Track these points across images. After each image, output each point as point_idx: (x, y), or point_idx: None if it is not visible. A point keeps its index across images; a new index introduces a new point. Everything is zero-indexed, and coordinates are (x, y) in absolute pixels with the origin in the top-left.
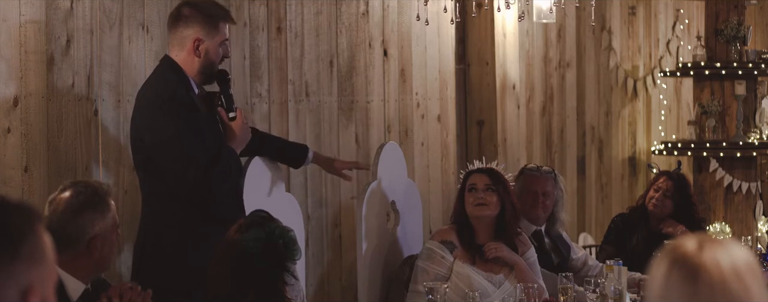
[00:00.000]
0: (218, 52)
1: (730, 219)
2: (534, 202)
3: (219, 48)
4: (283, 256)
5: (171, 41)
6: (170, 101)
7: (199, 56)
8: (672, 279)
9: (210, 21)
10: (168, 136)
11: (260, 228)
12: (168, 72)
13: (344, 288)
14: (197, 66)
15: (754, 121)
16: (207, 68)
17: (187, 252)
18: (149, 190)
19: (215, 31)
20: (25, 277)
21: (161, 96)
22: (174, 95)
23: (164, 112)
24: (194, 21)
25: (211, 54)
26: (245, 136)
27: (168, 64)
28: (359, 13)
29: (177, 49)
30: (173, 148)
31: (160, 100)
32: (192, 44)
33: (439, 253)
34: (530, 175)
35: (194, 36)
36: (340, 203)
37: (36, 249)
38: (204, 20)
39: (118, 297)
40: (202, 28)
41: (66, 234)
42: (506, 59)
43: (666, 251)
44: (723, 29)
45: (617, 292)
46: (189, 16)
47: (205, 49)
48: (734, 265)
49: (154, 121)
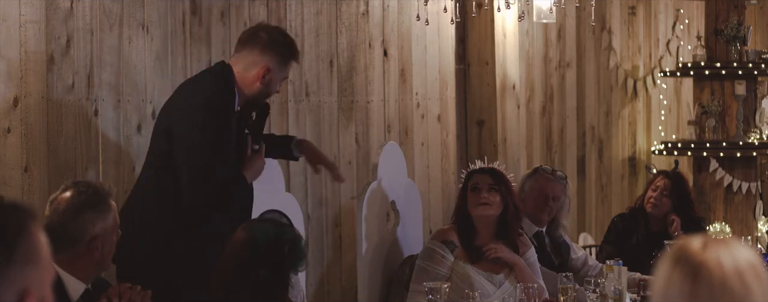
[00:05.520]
0: (277, 87)
1: (730, 219)
2: (542, 205)
3: (280, 83)
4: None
5: (237, 57)
6: (217, 111)
7: (263, 84)
8: (674, 277)
9: (286, 57)
10: (201, 141)
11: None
12: (227, 81)
13: (344, 289)
14: (255, 91)
15: (754, 120)
16: (262, 97)
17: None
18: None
19: (285, 68)
20: (21, 279)
21: (211, 101)
22: (224, 106)
23: (207, 118)
24: (273, 51)
25: (272, 86)
26: (260, 170)
27: (227, 72)
28: (359, 13)
29: (241, 67)
30: (201, 155)
31: (209, 101)
32: (261, 71)
33: (439, 253)
34: (544, 177)
35: (267, 64)
36: (340, 203)
37: (31, 251)
38: (282, 54)
39: (117, 296)
40: (277, 60)
41: (66, 234)
42: (506, 59)
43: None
44: (723, 29)
45: (617, 292)
46: (271, 43)
47: (270, 79)
48: (736, 265)
49: (194, 121)
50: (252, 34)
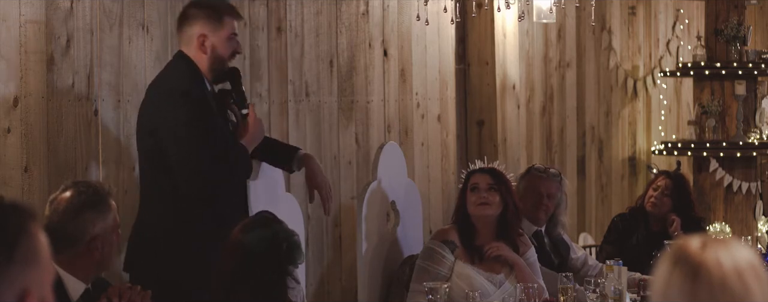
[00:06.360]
0: (226, 47)
1: (730, 219)
2: (537, 203)
3: (226, 43)
4: (285, 259)
5: (180, 42)
6: (182, 93)
7: (206, 52)
8: (673, 277)
9: (213, 16)
10: (179, 129)
11: (265, 229)
12: (182, 66)
13: (344, 289)
14: (207, 63)
15: (754, 121)
16: (216, 64)
17: (184, 249)
18: (152, 184)
19: (220, 26)
20: (21, 280)
21: (175, 89)
22: (187, 89)
23: (177, 106)
24: (198, 18)
25: (218, 49)
26: (258, 132)
27: (182, 58)
28: (359, 13)
29: (186, 49)
30: (183, 142)
31: (174, 93)
32: (198, 41)
33: (439, 253)
34: (537, 176)
35: (199, 32)
36: (340, 203)
37: (31, 251)
38: (207, 15)
39: (117, 296)
40: (206, 23)
41: (66, 234)
42: (506, 59)
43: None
44: (723, 29)
45: (617, 292)
46: (193, 14)
47: (211, 44)
48: (736, 265)
49: (166, 114)
50: (180, 16)
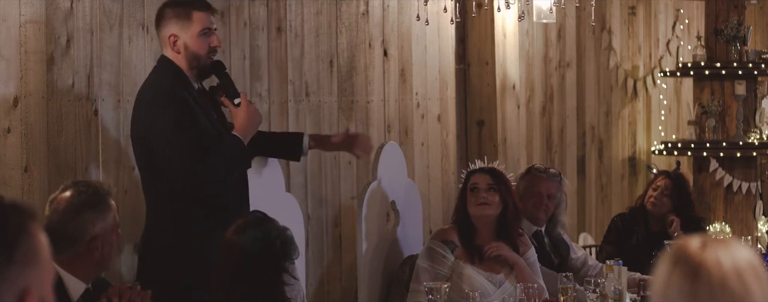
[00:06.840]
0: (199, 44)
1: (730, 219)
2: (537, 203)
3: (199, 39)
4: (281, 256)
5: (160, 45)
6: (166, 96)
7: (179, 52)
8: (673, 277)
9: (182, 14)
10: (165, 130)
11: (257, 229)
12: (164, 69)
13: (344, 289)
14: (184, 62)
15: (754, 121)
16: (194, 62)
17: (188, 249)
18: (150, 189)
19: (189, 23)
20: (21, 280)
21: (157, 92)
22: (169, 90)
23: (161, 107)
24: (167, 18)
25: (191, 48)
26: (254, 120)
27: (164, 62)
28: (359, 13)
29: (164, 50)
30: (172, 144)
31: (156, 96)
32: (170, 42)
33: (440, 253)
34: (537, 176)
35: (169, 33)
36: (340, 203)
37: (31, 251)
38: (175, 14)
39: (117, 296)
40: (175, 23)
41: (66, 233)
42: (506, 59)
43: (670, 250)
44: (723, 29)
45: (617, 292)
46: (163, 14)
47: (183, 44)
48: (736, 265)
49: (153, 118)
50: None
